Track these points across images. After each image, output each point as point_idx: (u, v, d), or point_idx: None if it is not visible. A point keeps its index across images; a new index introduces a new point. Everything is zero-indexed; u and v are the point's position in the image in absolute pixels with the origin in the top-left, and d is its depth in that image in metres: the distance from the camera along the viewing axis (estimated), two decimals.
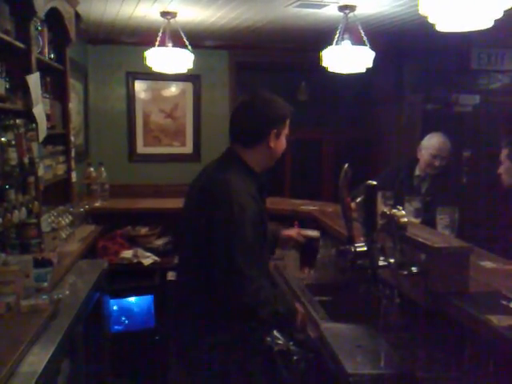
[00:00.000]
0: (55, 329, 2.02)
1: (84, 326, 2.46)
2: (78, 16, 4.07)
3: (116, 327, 4.03)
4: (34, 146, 2.72)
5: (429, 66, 5.81)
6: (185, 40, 4.44)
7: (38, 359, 1.74)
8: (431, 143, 3.56)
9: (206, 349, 1.99)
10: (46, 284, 2.26)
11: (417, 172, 3.64)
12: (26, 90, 2.82)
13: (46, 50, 3.42)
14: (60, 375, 1.99)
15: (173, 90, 5.91)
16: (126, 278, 4.09)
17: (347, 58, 4.00)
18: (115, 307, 4.06)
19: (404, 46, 5.74)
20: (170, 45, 4.36)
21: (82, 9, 4.04)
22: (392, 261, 1.97)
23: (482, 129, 5.89)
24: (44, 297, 2.09)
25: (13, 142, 2.43)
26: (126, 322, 4.12)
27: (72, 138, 3.90)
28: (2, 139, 2.32)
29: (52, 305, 2.11)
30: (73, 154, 3.88)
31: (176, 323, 2.14)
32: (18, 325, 1.94)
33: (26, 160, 2.58)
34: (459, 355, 1.78)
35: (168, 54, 4.32)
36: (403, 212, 1.94)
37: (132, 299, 4.17)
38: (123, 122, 5.74)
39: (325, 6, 4.03)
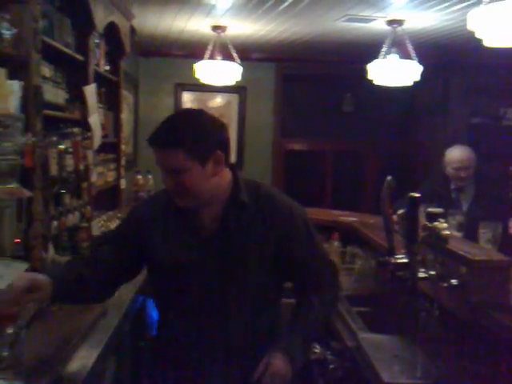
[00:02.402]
0: (104, 327, 2.12)
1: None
2: (132, 29, 4.25)
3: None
4: (89, 154, 2.87)
5: (476, 79, 5.75)
6: (233, 53, 4.56)
7: (88, 354, 1.84)
8: (451, 157, 3.60)
9: None
10: None
11: (452, 185, 3.66)
12: (83, 100, 2.98)
13: (102, 62, 3.59)
14: (107, 372, 2.09)
15: (219, 100, 6.05)
16: None
17: (394, 72, 4.03)
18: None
19: (452, 59, 5.70)
20: (219, 58, 4.48)
21: (136, 22, 4.22)
22: (432, 273, 1.99)
23: None
24: None
25: (70, 150, 2.58)
26: None
27: (123, 147, 4.07)
28: (61, 147, 2.47)
29: (101, 304, 2.21)
30: (123, 161, 4.04)
31: None
32: (69, 321, 2.06)
33: (81, 167, 2.72)
34: (497, 368, 1.78)
35: (217, 67, 4.45)
36: (445, 225, 1.96)
37: None
38: None
39: (373, 20, 4.08)
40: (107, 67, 3.78)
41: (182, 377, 1.72)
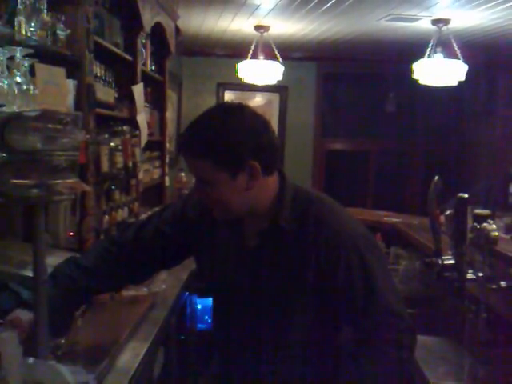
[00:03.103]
0: (153, 320, 2.18)
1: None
2: (177, 30, 4.32)
3: (200, 325, 4.19)
4: (137, 152, 2.95)
5: None
6: (276, 53, 4.59)
7: (138, 345, 1.90)
8: None
9: None
10: None
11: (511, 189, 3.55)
12: (131, 99, 3.05)
13: (148, 62, 3.67)
14: (156, 363, 2.15)
15: (260, 100, 6.09)
16: None
17: (439, 71, 4.00)
18: (199, 306, 4.23)
19: (499, 59, 5.58)
20: (262, 57, 4.52)
21: (181, 22, 4.29)
22: (480, 275, 1.97)
23: None
24: (144, 289, 2.27)
25: (120, 147, 2.65)
26: (209, 321, 4.27)
27: (167, 145, 4.15)
28: (111, 144, 2.54)
29: (150, 296, 2.29)
30: (167, 159, 4.12)
31: None
32: (120, 313, 2.13)
33: (130, 164, 2.80)
34: None
35: (260, 66, 4.49)
36: (494, 226, 1.93)
37: None
38: None
39: (418, 19, 4.04)
40: (153, 67, 3.86)
41: (228, 372, 1.61)
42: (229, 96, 6.12)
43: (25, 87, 1.64)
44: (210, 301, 4.12)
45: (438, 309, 2.54)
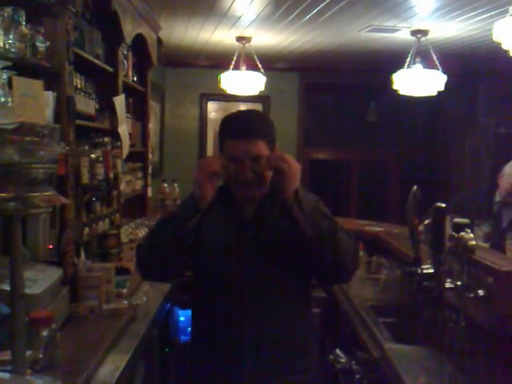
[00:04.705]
0: (133, 333, 2.17)
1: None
2: (159, 41, 4.33)
3: (183, 337, 4.16)
4: (119, 163, 2.94)
5: (504, 89, 5.71)
6: (258, 63, 4.62)
7: (118, 358, 1.89)
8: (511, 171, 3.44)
9: None
10: (125, 290, 2.43)
11: (497, 198, 3.54)
12: (112, 110, 3.05)
13: (130, 73, 3.66)
14: (136, 376, 2.13)
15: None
16: None
17: (418, 82, 4.05)
18: (182, 318, 4.21)
19: (479, 69, 5.67)
20: (244, 68, 4.54)
21: (163, 34, 4.30)
22: (459, 283, 1.98)
23: None
24: (124, 302, 2.26)
25: (101, 159, 2.64)
26: None
27: (150, 156, 4.14)
28: (92, 155, 2.53)
29: (131, 309, 2.27)
30: (150, 170, 4.11)
31: None
32: (100, 326, 2.11)
33: (111, 175, 2.79)
34: None
35: (242, 77, 4.51)
36: (471, 235, 1.95)
37: None
38: (195, 140, 5.99)
39: (397, 30, 4.09)
40: (135, 78, 3.86)
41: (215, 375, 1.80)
42: (212, 106, 6.13)
43: (3, 99, 1.64)
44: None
45: (418, 318, 2.56)
